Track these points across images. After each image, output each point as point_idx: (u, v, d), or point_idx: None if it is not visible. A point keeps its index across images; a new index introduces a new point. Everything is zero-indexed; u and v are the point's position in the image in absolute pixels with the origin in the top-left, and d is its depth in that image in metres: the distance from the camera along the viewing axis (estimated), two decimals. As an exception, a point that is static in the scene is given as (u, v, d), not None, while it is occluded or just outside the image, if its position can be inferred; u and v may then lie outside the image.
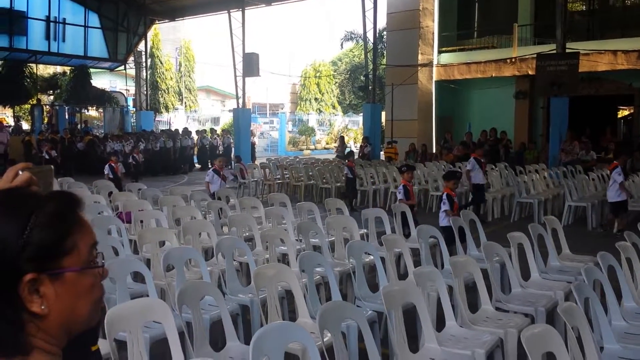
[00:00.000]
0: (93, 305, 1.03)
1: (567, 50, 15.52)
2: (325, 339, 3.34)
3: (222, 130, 27.79)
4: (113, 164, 12.12)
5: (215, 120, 41.05)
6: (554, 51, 15.71)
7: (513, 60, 19.47)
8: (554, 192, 11.34)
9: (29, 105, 27.65)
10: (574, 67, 15.21)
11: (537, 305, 4.50)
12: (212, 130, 25.43)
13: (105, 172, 12.01)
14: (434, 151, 19.44)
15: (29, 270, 0.92)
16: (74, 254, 0.98)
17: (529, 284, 5.13)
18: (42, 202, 0.98)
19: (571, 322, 3.16)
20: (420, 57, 21.29)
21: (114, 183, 10.76)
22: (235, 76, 22.75)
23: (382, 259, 5.15)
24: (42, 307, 0.93)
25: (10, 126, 26.47)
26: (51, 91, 29.64)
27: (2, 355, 0.91)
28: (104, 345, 3.11)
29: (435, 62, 21.60)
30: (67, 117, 26.23)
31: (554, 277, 5.37)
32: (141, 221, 6.86)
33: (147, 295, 4.19)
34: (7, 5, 23.48)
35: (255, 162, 18.96)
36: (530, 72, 18.61)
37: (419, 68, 21.12)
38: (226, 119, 38.72)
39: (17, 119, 29.00)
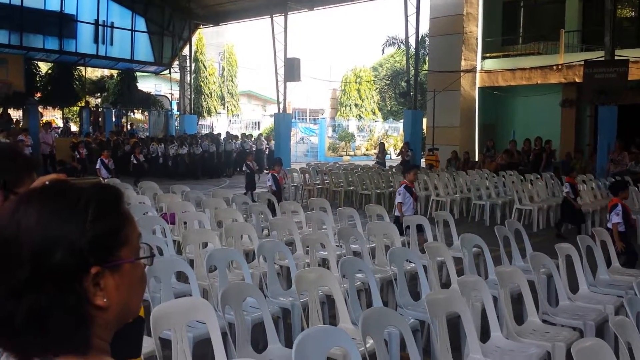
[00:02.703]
0: (142, 297, 1.04)
1: (616, 57, 15.09)
2: (367, 345, 3.30)
3: (259, 135, 28.06)
4: (276, 174, 10.26)
5: (257, 125, 41.47)
6: (602, 58, 15.30)
7: (559, 67, 19.04)
8: (602, 203, 11.00)
9: (78, 108, 28.44)
10: (623, 75, 14.78)
11: (586, 319, 4.36)
12: (244, 136, 25.53)
13: (269, 184, 10.27)
14: (477, 159, 19.14)
15: (93, 264, 0.92)
16: (128, 245, 0.98)
17: (577, 297, 4.98)
18: (94, 195, 0.96)
19: (623, 336, 3.05)
20: (463, 62, 21.02)
21: (276, 195, 9.34)
22: (277, 81, 22.92)
23: (424, 267, 5.08)
24: (105, 300, 0.93)
25: (59, 128, 27.29)
26: (99, 94, 30.44)
27: (71, 354, 0.90)
28: (148, 343, 3.15)
29: (478, 68, 21.29)
30: (113, 119, 26.86)
31: (603, 290, 5.20)
32: (184, 222, 6.96)
33: (190, 295, 4.23)
34: (58, 9, 24.25)
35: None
36: (577, 80, 18.16)
37: (462, 74, 20.85)
38: (267, 123, 39.05)
39: (66, 120, 29.87)
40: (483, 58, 21.51)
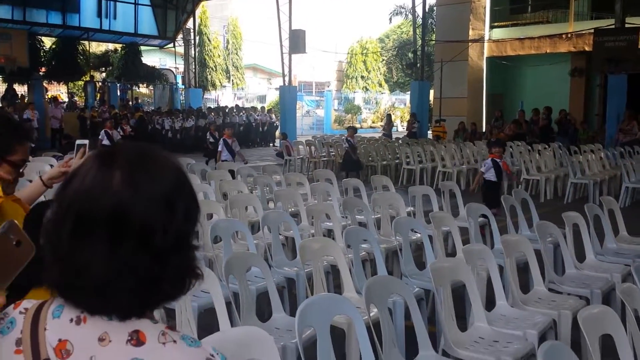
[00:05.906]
0: None
1: (627, 25, 14.86)
2: (371, 314, 3.29)
3: (262, 107, 27.90)
4: (497, 159, 7.79)
5: (262, 98, 41.24)
6: (612, 26, 15.05)
7: (569, 35, 18.74)
8: (610, 173, 10.91)
9: (82, 82, 28.33)
10: (634, 43, 14.59)
11: (592, 287, 4.33)
12: (251, 109, 25.31)
13: (482, 169, 7.94)
14: (484, 130, 18.99)
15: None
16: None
17: (584, 265, 4.94)
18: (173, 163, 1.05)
19: (631, 303, 3.02)
20: (471, 32, 20.72)
21: (492, 187, 7.53)
22: (282, 53, 22.66)
23: (430, 238, 5.05)
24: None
25: (64, 102, 27.25)
26: (103, 68, 30.29)
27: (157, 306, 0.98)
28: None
29: (486, 38, 21.00)
30: (118, 93, 26.79)
31: (610, 259, 5.16)
32: (189, 194, 6.93)
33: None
34: (60, -17, 24.02)
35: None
36: (586, 48, 17.89)
37: (470, 44, 20.56)
38: (272, 97, 38.81)
39: (71, 95, 29.80)
40: (491, 27, 21.20)
